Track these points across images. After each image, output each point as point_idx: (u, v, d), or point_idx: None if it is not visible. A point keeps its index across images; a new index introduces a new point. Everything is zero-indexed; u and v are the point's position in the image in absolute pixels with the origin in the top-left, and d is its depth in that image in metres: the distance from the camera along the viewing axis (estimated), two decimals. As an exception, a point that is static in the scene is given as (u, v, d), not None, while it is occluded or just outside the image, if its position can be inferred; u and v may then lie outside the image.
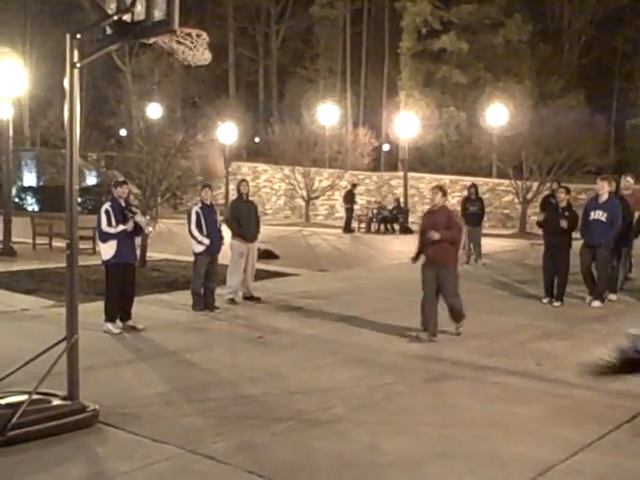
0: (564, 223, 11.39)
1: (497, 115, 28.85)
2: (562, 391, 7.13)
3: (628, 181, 12.84)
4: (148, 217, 9.97)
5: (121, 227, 9.53)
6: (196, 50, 6.49)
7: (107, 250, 9.60)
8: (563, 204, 11.74)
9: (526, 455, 5.54)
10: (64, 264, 6.30)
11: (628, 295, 12.56)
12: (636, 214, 13.02)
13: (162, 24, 5.84)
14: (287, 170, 33.25)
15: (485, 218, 19.04)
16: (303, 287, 13.56)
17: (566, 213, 11.60)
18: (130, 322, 9.79)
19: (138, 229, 9.77)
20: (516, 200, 28.47)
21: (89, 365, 7.23)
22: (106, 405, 6.33)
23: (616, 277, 12.33)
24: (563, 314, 11.04)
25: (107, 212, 9.56)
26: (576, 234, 11.78)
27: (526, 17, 40.97)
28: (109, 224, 9.50)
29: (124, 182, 10.09)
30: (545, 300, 11.85)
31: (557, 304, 11.64)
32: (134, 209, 9.90)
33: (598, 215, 11.48)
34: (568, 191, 12.07)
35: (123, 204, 9.74)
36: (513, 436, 5.92)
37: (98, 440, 5.83)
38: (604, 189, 11.62)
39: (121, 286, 9.69)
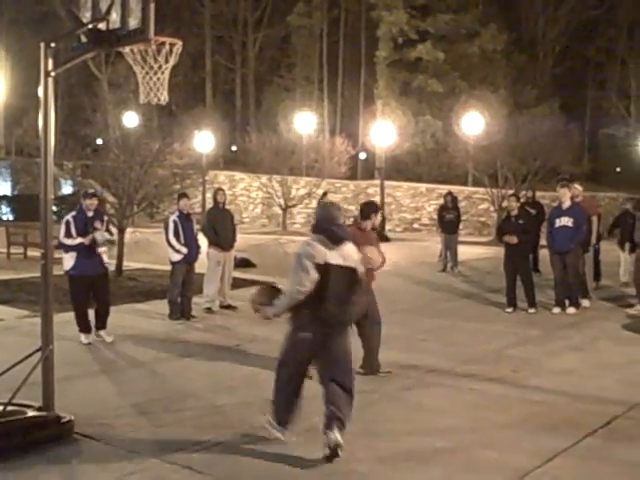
0: (514, 239, 11.52)
1: (473, 124, 29.06)
2: (537, 397, 7.19)
3: (577, 188, 13.00)
4: (108, 235, 9.60)
5: (79, 240, 9.24)
6: (156, 90, 6.50)
7: (68, 260, 9.37)
8: (514, 212, 11.87)
9: (502, 461, 5.57)
10: (39, 274, 6.26)
11: (600, 301, 12.68)
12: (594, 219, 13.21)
13: (137, 32, 5.84)
14: (264, 178, 33.22)
15: (461, 226, 19.16)
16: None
17: (520, 221, 11.73)
18: (101, 332, 9.61)
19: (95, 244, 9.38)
20: (492, 208, 28.65)
21: (65, 375, 7.17)
22: (82, 416, 6.28)
23: (585, 282, 12.41)
24: (538, 321, 11.12)
25: (67, 223, 9.32)
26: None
27: (501, 27, 41.37)
28: (66, 235, 9.24)
29: (93, 194, 9.79)
30: (509, 309, 11.85)
31: (532, 311, 11.71)
32: (98, 225, 9.42)
33: (564, 222, 11.57)
34: (518, 199, 12.32)
35: (90, 215, 9.44)
36: (489, 442, 5.96)
37: (73, 451, 5.78)
38: (566, 196, 11.74)
39: (85, 297, 9.45)
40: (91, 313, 9.65)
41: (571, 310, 11.65)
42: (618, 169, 46.91)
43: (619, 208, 14.51)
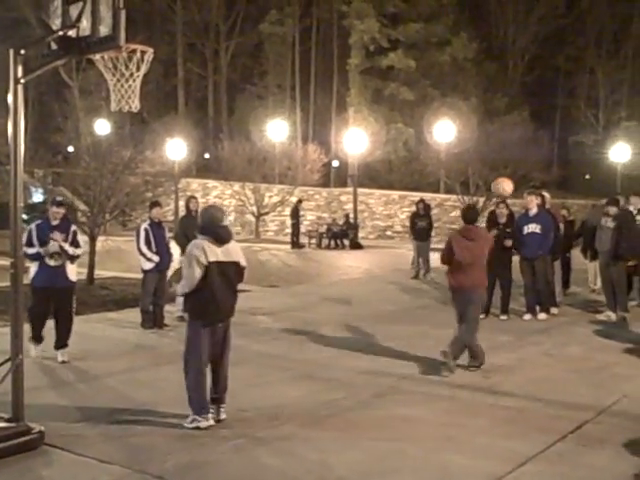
0: (508, 242, 11.58)
1: (444, 132, 29.30)
2: (509, 403, 7.24)
3: (544, 196, 13.15)
4: (68, 247, 8.99)
5: (36, 249, 8.81)
6: (128, 98, 6.48)
7: (31, 270, 8.91)
8: (503, 220, 11.93)
9: (474, 467, 5.61)
10: (8, 283, 6.19)
11: (570, 307, 12.81)
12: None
13: (108, 40, 5.82)
14: (237, 186, 33.20)
15: (433, 233, 19.26)
16: (253, 303, 13.52)
17: (507, 230, 11.78)
18: (58, 352, 9.02)
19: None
20: (464, 215, 28.84)
21: (34, 386, 7.10)
22: (52, 426, 6.22)
23: (553, 290, 12.51)
24: (509, 327, 11.20)
25: (29, 231, 8.89)
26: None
27: (471, 36, 41.83)
28: (27, 244, 8.63)
29: (60, 203, 9.32)
30: (482, 316, 11.87)
31: (504, 317, 11.80)
32: (56, 235, 8.91)
33: (532, 228, 11.68)
34: (508, 206, 12.28)
35: (55, 224, 8.99)
36: (461, 448, 5.99)
37: (43, 463, 5.72)
38: (533, 203, 11.85)
39: (42, 310, 8.97)
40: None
41: (542, 316, 11.76)
42: (587, 176, 47.52)
43: (589, 215, 14.65)
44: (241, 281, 6.80)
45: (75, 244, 9.12)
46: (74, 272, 9.21)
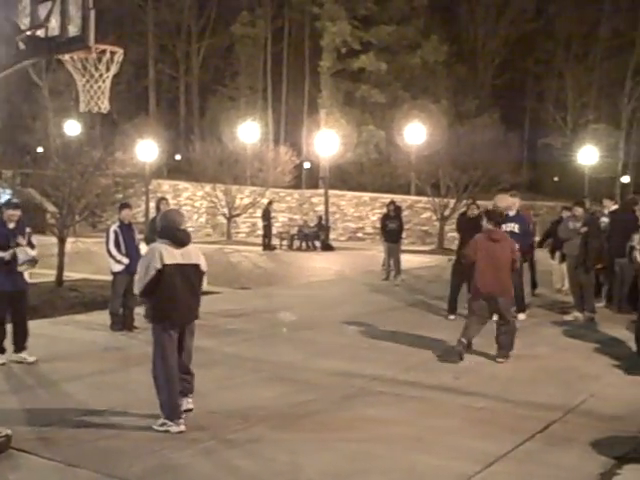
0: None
1: (415, 134, 29.46)
2: (478, 404, 7.29)
3: (513, 196, 13.29)
4: (33, 253, 8.81)
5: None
6: (97, 99, 6.44)
7: None
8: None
9: (443, 467, 5.65)
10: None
11: (537, 309, 12.93)
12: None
13: (77, 40, 5.77)
14: (208, 188, 33.09)
15: (404, 235, 19.35)
16: (224, 305, 13.48)
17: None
18: (22, 354, 8.90)
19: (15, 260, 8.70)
20: (434, 217, 29.05)
21: (1, 390, 7.02)
22: (19, 430, 6.16)
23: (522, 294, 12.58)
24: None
25: None
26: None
27: (442, 39, 42.10)
28: None
29: (16, 205, 9.10)
30: (452, 317, 11.97)
31: None
32: (21, 240, 8.73)
33: (511, 227, 11.74)
34: (478, 206, 12.41)
35: (11, 227, 8.75)
36: (431, 449, 6.03)
37: (10, 467, 5.65)
38: (515, 205, 11.94)
39: (3, 315, 8.81)
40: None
41: (521, 316, 11.82)
42: (556, 178, 48.05)
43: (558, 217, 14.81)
44: (201, 288, 6.85)
45: (31, 245, 8.93)
46: (28, 274, 9.07)
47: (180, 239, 6.58)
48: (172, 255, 6.47)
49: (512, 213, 11.92)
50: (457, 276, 12.02)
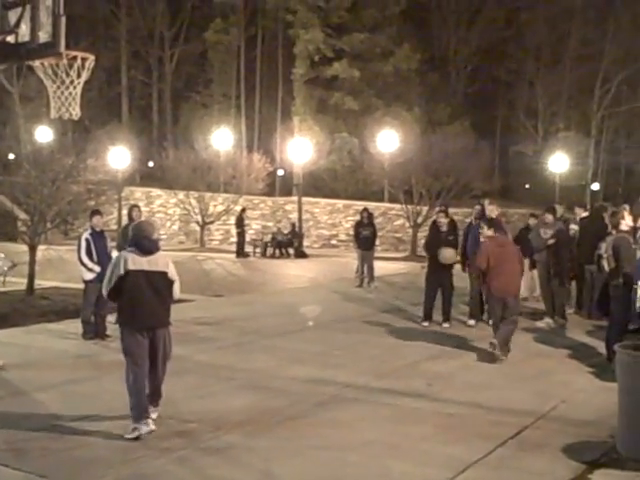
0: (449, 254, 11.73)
1: (388, 141, 29.56)
2: (451, 410, 7.34)
3: (491, 204, 13.38)
4: (2, 255, 8.87)
5: None
6: (68, 105, 6.41)
7: None
8: (444, 228, 12.07)
9: (416, 474, 5.67)
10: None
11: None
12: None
13: (48, 46, 5.75)
14: (181, 195, 32.94)
15: (377, 242, 19.39)
16: (197, 313, 13.43)
17: (449, 237, 11.93)
18: None
19: None
20: (407, 224, 29.15)
21: (-30, 399, 6.93)
22: (-11, 440, 6.09)
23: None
24: (451, 335, 11.34)
25: None
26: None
27: (414, 47, 42.27)
28: None
29: None
30: (425, 323, 12.04)
31: (446, 325, 11.91)
32: None
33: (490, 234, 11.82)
34: (447, 214, 12.46)
35: None
36: (404, 455, 6.05)
37: (-20, 477, 5.59)
38: (494, 212, 12.02)
39: None
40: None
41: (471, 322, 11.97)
42: (527, 185, 48.46)
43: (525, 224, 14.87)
44: (171, 296, 7.04)
45: None
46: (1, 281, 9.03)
47: (147, 247, 6.81)
48: (138, 262, 6.70)
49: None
50: (432, 284, 12.06)
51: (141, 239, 6.85)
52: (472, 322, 12.00)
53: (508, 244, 10.07)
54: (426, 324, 11.98)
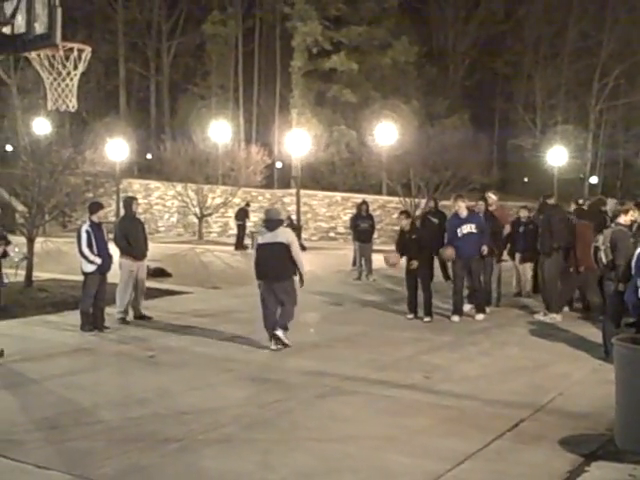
0: (414, 264, 11.70)
1: (386, 134, 29.53)
2: (449, 402, 7.35)
3: (491, 197, 13.36)
4: (17, 249, 9.00)
5: None
6: (65, 97, 6.39)
7: None
8: (407, 229, 12.05)
9: (414, 466, 5.68)
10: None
11: (507, 308, 13.03)
12: (507, 227, 13.58)
13: (44, 38, 5.72)
14: (179, 187, 32.92)
15: (376, 234, 19.39)
16: (195, 305, 13.44)
17: (413, 236, 11.90)
18: None
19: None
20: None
21: (-31, 391, 6.93)
22: (-13, 432, 6.09)
23: (489, 291, 12.68)
24: (449, 327, 11.36)
25: None
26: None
27: (413, 39, 42.22)
28: None
29: None
30: (410, 316, 11.99)
31: (427, 319, 11.74)
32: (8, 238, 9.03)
33: (469, 228, 11.78)
34: (408, 215, 12.71)
35: None
36: (402, 448, 6.06)
37: (-22, 469, 5.59)
38: (462, 208, 11.93)
39: None
40: None
41: (479, 316, 11.90)
42: (525, 179, 48.45)
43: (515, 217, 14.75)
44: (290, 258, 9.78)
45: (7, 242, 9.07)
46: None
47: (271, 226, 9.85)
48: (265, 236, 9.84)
49: (464, 214, 11.88)
50: (410, 278, 12.04)
51: (265, 221, 9.54)
52: (456, 318, 11.89)
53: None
54: (410, 317, 11.95)
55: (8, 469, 5.59)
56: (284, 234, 9.68)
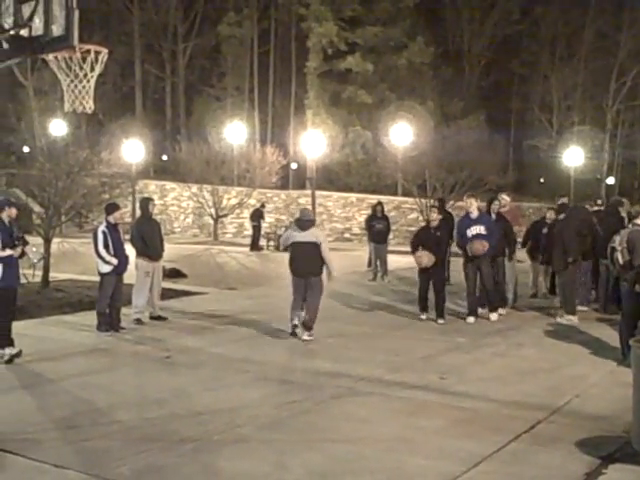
0: (432, 260, 11.69)
1: (401, 135, 29.46)
2: (464, 404, 7.32)
3: (504, 198, 13.32)
4: (34, 249, 9.16)
5: (8, 252, 8.80)
6: (82, 98, 6.43)
7: None
8: (435, 224, 12.03)
9: (429, 468, 5.67)
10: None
11: (523, 309, 12.97)
12: (516, 228, 13.54)
13: (61, 40, 5.74)
14: (195, 188, 32.99)
15: (391, 235, 19.35)
16: (211, 306, 13.47)
17: (437, 233, 11.88)
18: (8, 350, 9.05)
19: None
20: (421, 218, 29.04)
21: (-13, 390, 6.98)
22: (5, 431, 6.14)
23: (502, 291, 12.62)
24: (464, 328, 11.32)
25: None
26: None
27: (428, 40, 42.16)
28: None
29: (14, 203, 9.39)
30: (423, 316, 11.97)
31: (441, 321, 11.69)
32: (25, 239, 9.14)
33: (478, 230, 11.71)
34: (440, 210, 12.58)
35: (8, 225, 9.00)
36: (417, 449, 6.05)
37: (-4, 468, 5.63)
38: (473, 206, 11.92)
39: (12, 310, 9.07)
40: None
41: (494, 317, 11.83)
42: (542, 180, 48.24)
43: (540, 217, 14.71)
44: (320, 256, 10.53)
45: (25, 242, 9.26)
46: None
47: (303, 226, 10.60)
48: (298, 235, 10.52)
49: (475, 215, 11.85)
50: (423, 277, 12.01)
51: (297, 220, 10.43)
52: (471, 319, 11.84)
53: None
54: (423, 317, 11.94)
55: (25, 468, 5.62)
56: (315, 234, 10.44)
